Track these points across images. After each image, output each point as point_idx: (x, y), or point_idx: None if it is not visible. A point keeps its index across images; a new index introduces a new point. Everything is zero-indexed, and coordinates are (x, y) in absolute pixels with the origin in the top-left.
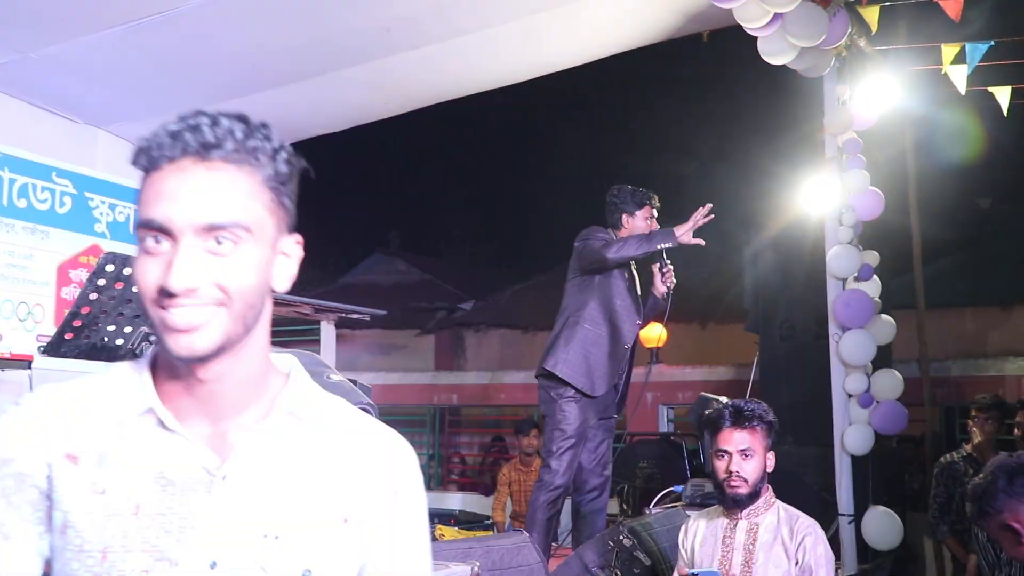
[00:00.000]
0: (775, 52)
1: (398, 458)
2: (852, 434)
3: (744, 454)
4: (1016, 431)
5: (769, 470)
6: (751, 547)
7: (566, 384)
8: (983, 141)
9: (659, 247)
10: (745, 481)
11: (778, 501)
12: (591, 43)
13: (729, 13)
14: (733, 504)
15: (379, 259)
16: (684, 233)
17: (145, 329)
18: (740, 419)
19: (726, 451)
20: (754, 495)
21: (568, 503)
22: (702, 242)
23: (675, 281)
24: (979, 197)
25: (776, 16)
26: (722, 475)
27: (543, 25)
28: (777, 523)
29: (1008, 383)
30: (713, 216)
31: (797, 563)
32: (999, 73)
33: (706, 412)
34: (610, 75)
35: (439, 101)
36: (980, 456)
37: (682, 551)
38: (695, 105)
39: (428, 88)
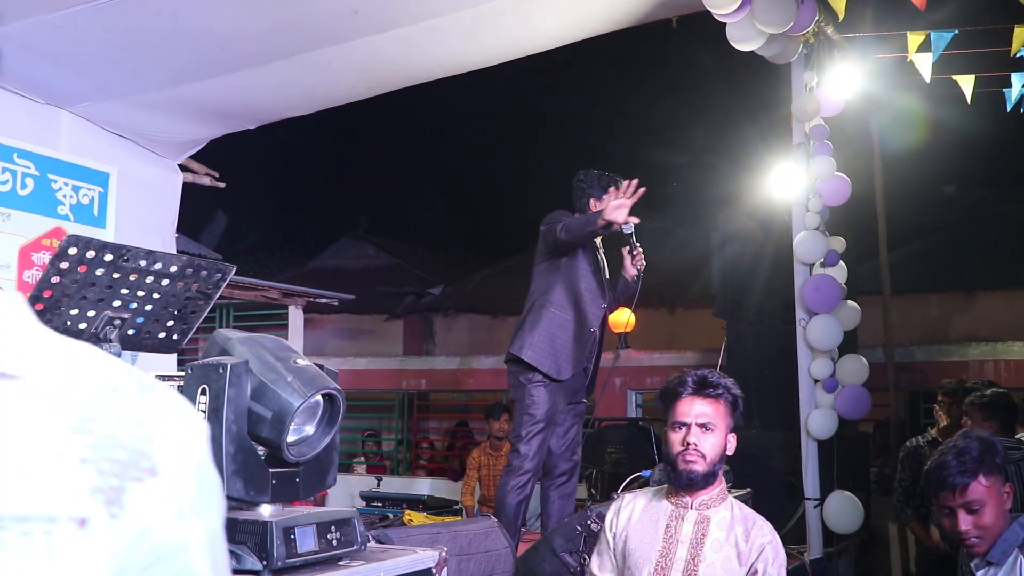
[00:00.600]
0: (743, 39)
1: (166, 426)
2: (816, 418)
3: (704, 427)
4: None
5: (729, 452)
6: (699, 542)
7: (534, 369)
8: (948, 128)
9: (594, 227)
10: (703, 457)
11: (732, 497)
12: (562, 27)
13: None
14: (685, 483)
15: (347, 243)
16: (610, 212)
17: (109, 313)
18: (703, 388)
19: (684, 423)
20: (709, 476)
21: (537, 488)
22: (636, 220)
23: (645, 264)
24: (944, 183)
25: (744, 2)
26: (677, 448)
27: (512, 8)
28: (731, 520)
29: (972, 368)
30: (644, 189)
31: (754, 573)
32: (963, 61)
33: (666, 382)
34: (578, 61)
35: (408, 84)
36: (944, 440)
37: (608, 534)
38: (664, 92)
39: (397, 71)
